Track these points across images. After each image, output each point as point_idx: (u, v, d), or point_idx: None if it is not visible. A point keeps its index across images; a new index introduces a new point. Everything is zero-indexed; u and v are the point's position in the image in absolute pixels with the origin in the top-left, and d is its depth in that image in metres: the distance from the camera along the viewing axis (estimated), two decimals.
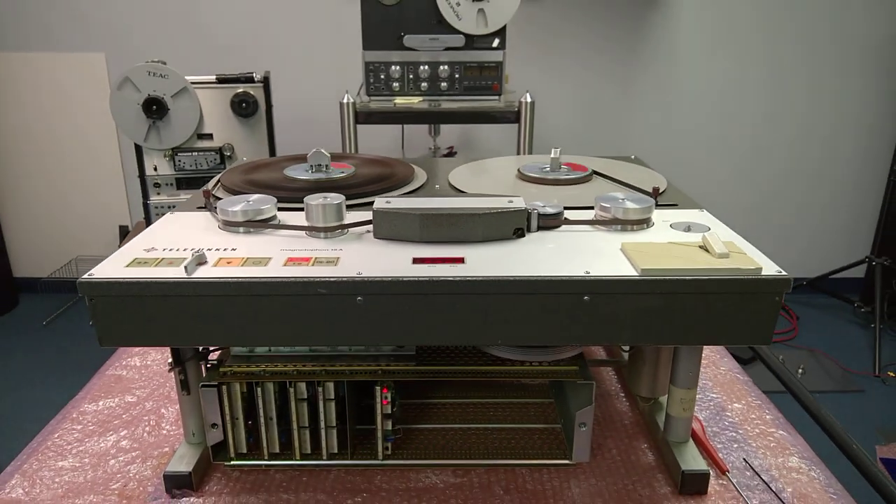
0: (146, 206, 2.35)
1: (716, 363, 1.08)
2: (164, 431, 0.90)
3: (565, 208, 0.81)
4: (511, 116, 2.13)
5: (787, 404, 1.00)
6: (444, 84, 2.12)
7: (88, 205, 3.12)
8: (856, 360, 2.70)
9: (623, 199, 0.79)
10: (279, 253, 0.71)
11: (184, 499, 0.77)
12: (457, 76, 2.12)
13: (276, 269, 0.67)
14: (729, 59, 2.93)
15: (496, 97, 2.15)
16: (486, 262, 0.69)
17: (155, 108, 2.23)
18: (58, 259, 3.18)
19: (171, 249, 0.72)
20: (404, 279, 0.65)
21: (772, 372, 1.15)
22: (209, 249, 0.72)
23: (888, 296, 2.92)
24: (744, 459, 0.85)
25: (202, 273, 0.66)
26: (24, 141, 3.02)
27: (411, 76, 2.13)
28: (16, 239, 3.18)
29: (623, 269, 0.67)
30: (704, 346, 1.13)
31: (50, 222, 3.15)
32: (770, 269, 0.67)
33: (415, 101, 2.14)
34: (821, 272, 3.15)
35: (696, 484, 0.79)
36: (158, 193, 2.34)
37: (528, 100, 2.10)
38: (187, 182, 2.34)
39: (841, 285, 3.16)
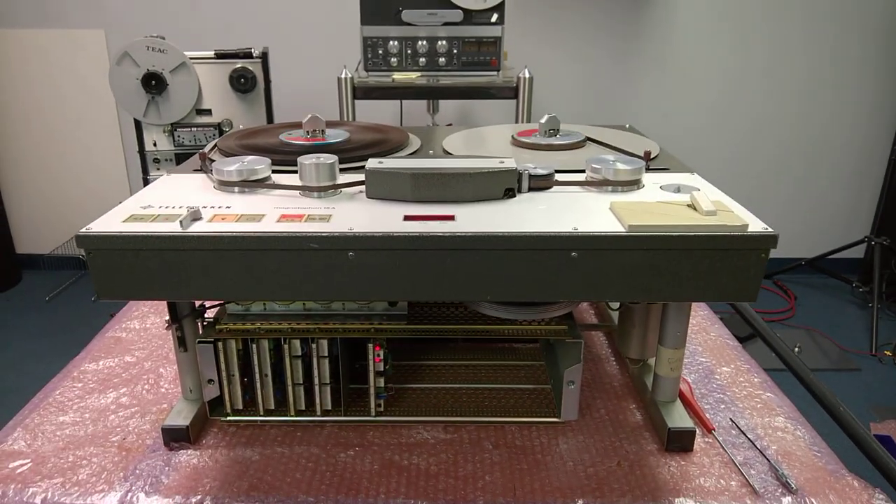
0: (146, 182, 2.36)
1: (706, 329, 1.10)
2: (163, 390, 0.92)
3: (558, 171, 0.82)
4: (509, 92, 2.13)
5: (783, 382, 1.00)
6: (442, 59, 2.12)
7: (90, 181, 3.13)
8: (853, 339, 2.71)
9: (613, 161, 0.80)
10: (273, 210, 0.72)
11: (181, 451, 0.79)
12: (455, 51, 2.12)
13: (269, 225, 0.68)
14: (729, 35, 2.92)
15: (495, 72, 2.15)
16: (476, 219, 0.70)
17: (154, 83, 2.24)
18: (59, 236, 3.19)
19: (167, 207, 0.74)
20: (395, 234, 0.66)
21: (768, 345, 1.16)
22: (204, 207, 0.73)
23: (887, 276, 2.93)
24: (730, 419, 0.87)
25: (197, 228, 0.68)
26: (25, 118, 3.03)
27: (409, 51, 2.12)
28: (18, 216, 3.19)
29: (611, 225, 0.68)
30: (695, 313, 1.15)
31: (52, 199, 3.16)
32: (756, 225, 0.68)
33: (413, 77, 2.14)
34: (819, 252, 3.15)
35: (682, 441, 0.81)
36: (158, 169, 2.35)
37: (527, 75, 2.10)
38: (186, 157, 2.33)
39: (840, 265, 3.17)
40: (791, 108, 3.04)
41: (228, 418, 0.83)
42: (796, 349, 2.62)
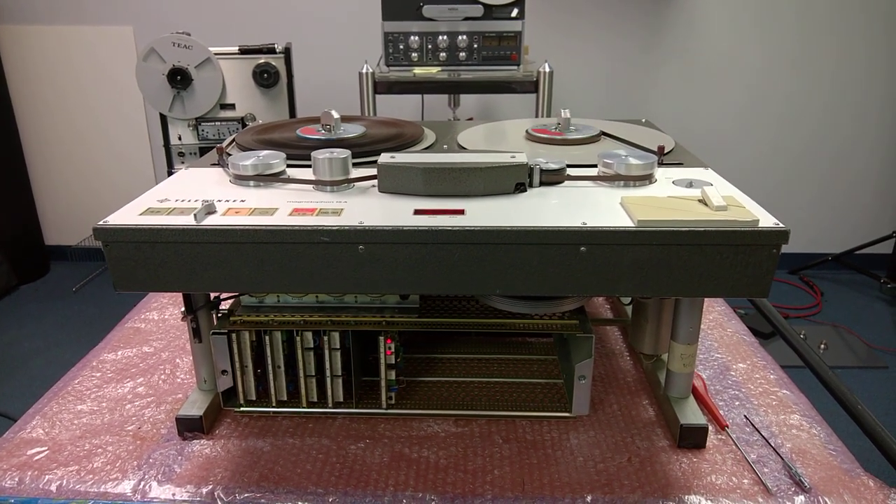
0: (170, 175, 2.39)
1: (722, 325, 1.09)
2: (179, 380, 0.93)
3: (570, 166, 0.82)
4: (530, 86, 2.12)
5: (806, 380, 0.99)
6: (462, 54, 2.12)
7: (116, 174, 3.18)
8: (881, 336, 2.66)
9: (626, 156, 0.80)
10: (286, 204, 0.73)
11: (195, 441, 0.80)
12: (475, 46, 2.11)
13: (281, 219, 0.69)
14: (753, 28, 2.87)
15: (515, 67, 2.14)
16: (486, 213, 0.70)
17: (179, 79, 2.27)
18: (86, 227, 3.25)
19: (183, 200, 0.75)
20: (404, 228, 0.67)
21: (786, 341, 1.15)
22: (219, 201, 0.74)
23: None
24: (744, 416, 0.86)
25: (211, 221, 0.69)
26: (54, 112, 3.08)
27: (430, 46, 2.13)
28: (47, 208, 3.26)
29: (620, 220, 0.68)
30: (712, 309, 1.14)
31: (79, 192, 3.22)
32: (767, 221, 0.67)
33: (434, 72, 2.14)
34: (847, 247, 3.10)
35: (694, 437, 0.80)
36: (183, 162, 2.39)
37: (547, 69, 2.09)
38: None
39: (867, 261, 3.11)
40: (818, 102, 2.98)
41: (242, 409, 0.84)
42: (822, 346, 2.58)
